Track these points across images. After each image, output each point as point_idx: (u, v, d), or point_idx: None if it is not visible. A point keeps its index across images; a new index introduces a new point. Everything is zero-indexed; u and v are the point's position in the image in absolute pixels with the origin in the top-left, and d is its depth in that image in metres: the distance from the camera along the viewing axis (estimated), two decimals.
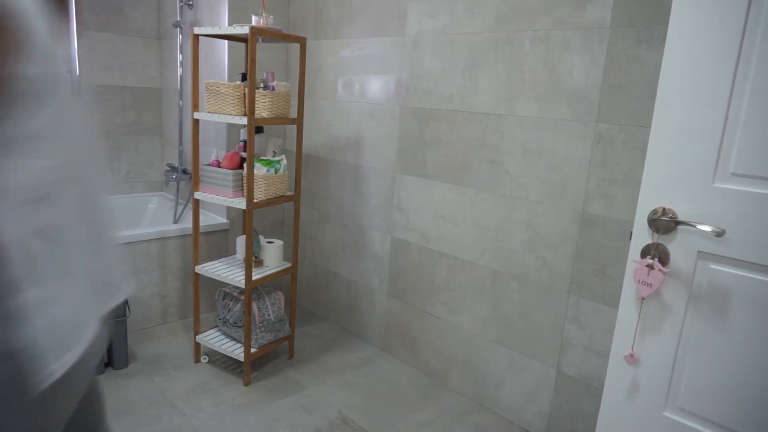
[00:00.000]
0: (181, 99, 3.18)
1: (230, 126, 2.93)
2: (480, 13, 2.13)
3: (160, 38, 3.41)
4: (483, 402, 2.32)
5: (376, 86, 2.59)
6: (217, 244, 3.01)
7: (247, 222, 2.22)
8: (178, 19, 3.08)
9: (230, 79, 2.88)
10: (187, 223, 2.98)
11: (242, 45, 2.82)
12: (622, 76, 1.75)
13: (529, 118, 2.02)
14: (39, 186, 0.69)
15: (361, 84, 2.67)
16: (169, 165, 3.31)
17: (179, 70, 3.14)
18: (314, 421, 2.13)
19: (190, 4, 3.06)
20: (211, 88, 2.24)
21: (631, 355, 1.35)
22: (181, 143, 3.23)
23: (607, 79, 1.79)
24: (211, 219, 3.06)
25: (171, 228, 2.83)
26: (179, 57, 3.13)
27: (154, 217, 3.42)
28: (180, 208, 3.25)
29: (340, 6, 2.73)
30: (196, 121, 2.33)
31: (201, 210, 3.24)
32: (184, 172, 3.27)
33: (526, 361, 2.14)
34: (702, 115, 1.19)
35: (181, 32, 3.10)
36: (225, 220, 3.04)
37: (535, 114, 2.00)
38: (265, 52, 3.02)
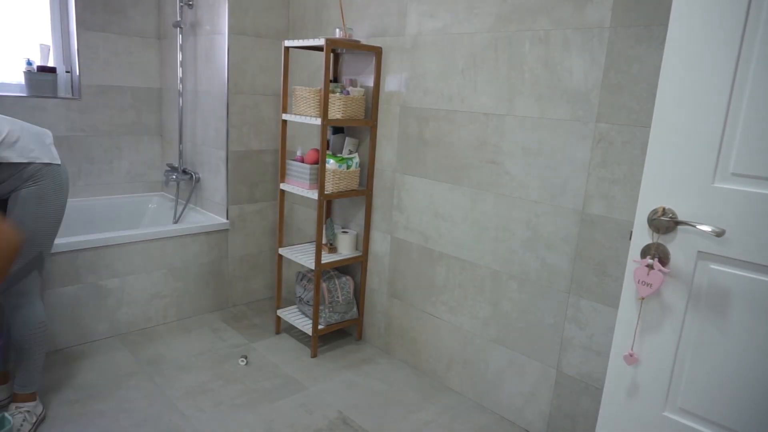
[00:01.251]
0: (181, 99, 3.18)
1: (311, 126, 3.03)
2: (480, 13, 2.13)
3: (160, 38, 3.41)
4: (483, 402, 2.32)
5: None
6: (217, 243, 3.01)
7: (318, 211, 2.49)
8: (178, 19, 3.08)
9: (230, 79, 2.89)
10: (187, 223, 2.99)
11: (244, 47, 2.84)
12: (622, 76, 1.75)
13: (529, 118, 2.02)
14: None
15: (361, 84, 2.67)
16: (169, 165, 3.31)
17: (179, 70, 3.14)
18: (314, 421, 2.14)
19: (190, 4, 3.06)
20: (296, 93, 2.58)
21: (631, 355, 1.35)
22: (181, 143, 3.23)
23: (607, 79, 1.79)
24: (211, 219, 3.06)
25: (171, 228, 2.83)
26: (179, 57, 3.13)
27: (154, 217, 3.42)
28: (180, 208, 3.26)
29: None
30: (284, 122, 2.64)
31: (201, 210, 3.24)
32: (184, 172, 3.27)
33: (526, 361, 2.14)
34: (702, 115, 1.19)
35: (181, 32, 3.10)
36: (225, 220, 3.04)
37: (535, 114, 2.00)
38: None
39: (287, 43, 2.53)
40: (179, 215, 3.21)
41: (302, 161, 2.65)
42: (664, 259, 1.27)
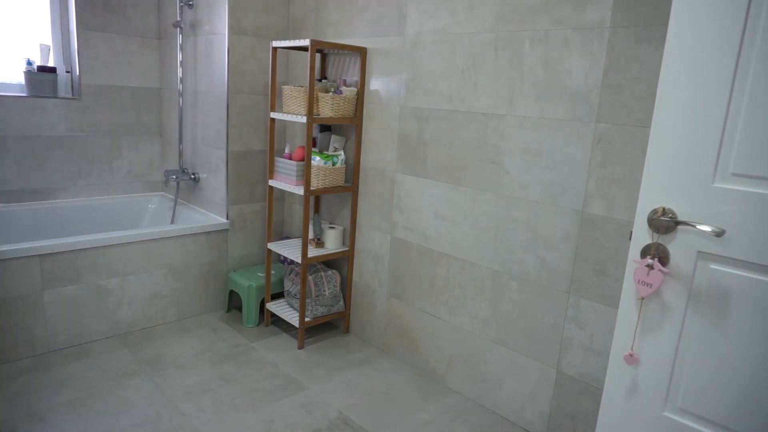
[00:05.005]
0: (181, 99, 3.18)
1: (304, 124, 3.03)
2: (480, 13, 2.13)
3: (160, 38, 3.41)
4: (483, 402, 2.32)
5: (376, 86, 2.59)
6: (217, 243, 3.01)
7: (304, 207, 2.56)
8: (178, 19, 3.08)
9: (230, 79, 2.89)
10: (186, 224, 2.99)
11: (244, 47, 2.85)
12: (622, 76, 1.75)
13: (529, 118, 2.02)
14: None
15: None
16: (167, 172, 3.32)
17: (179, 70, 3.14)
18: (314, 421, 2.14)
19: (190, 4, 3.06)
20: (285, 92, 2.65)
21: (631, 355, 1.35)
22: (181, 143, 3.23)
23: (607, 79, 1.79)
24: (211, 219, 3.06)
25: (171, 228, 2.83)
26: (179, 57, 3.13)
27: (154, 217, 3.43)
28: (178, 209, 3.26)
29: (340, 6, 2.73)
30: (272, 120, 2.72)
31: (201, 210, 3.24)
32: (183, 171, 3.27)
33: (526, 361, 2.14)
34: (702, 115, 1.19)
35: (181, 32, 3.10)
36: (225, 221, 3.04)
37: (535, 114, 2.00)
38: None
39: (275, 43, 2.62)
40: (173, 216, 3.21)
41: (290, 158, 2.70)
42: (664, 259, 1.27)
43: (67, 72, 3.12)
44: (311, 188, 2.57)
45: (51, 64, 3.07)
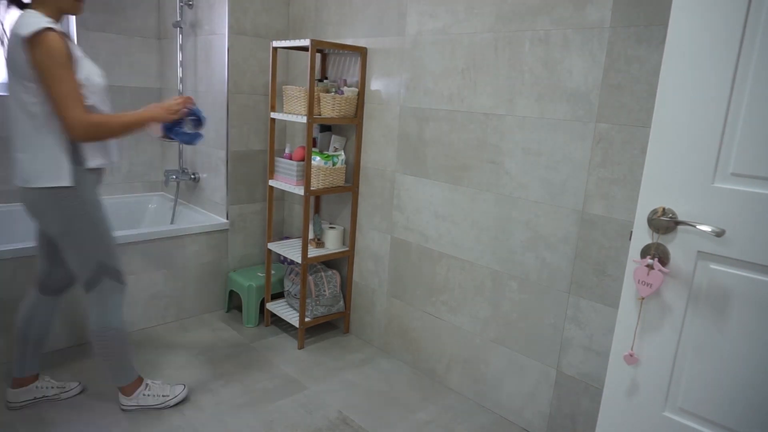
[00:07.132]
0: None
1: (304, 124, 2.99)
2: (480, 13, 2.13)
3: (160, 38, 3.41)
4: (483, 402, 2.32)
5: (377, 86, 2.59)
6: (217, 244, 3.01)
7: (305, 207, 2.58)
8: (178, 19, 3.08)
9: (230, 79, 2.89)
10: (186, 224, 2.99)
11: (244, 47, 2.85)
12: (622, 76, 1.75)
13: (529, 118, 2.02)
14: None
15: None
16: (167, 172, 3.31)
17: (179, 70, 3.14)
18: (314, 421, 2.14)
19: (190, 4, 3.06)
20: (286, 92, 2.65)
21: (631, 355, 1.35)
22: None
23: (607, 79, 1.79)
24: (211, 219, 3.06)
25: (171, 228, 2.83)
26: (179, 57, 3.13)
27: (154, 217, 3.43)
28: (178, 209, 3.25)
29: (340, 6, 2.73)
30: (272, 120, 2.73)
31: (201, 210, 3.24)
32: (184, 171, 3.27)
33: (526, 361, 2.14)
34: (702, 115, 1.19)
35: (181, 32, 3.10)
36: (225, 221, 3.04)
37: (535, 114, 2.00)
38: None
39: (275, 43, 2.63)
40: (173, 216, 3.21)
41: (290, 158, 2.70)
42: (664, 259, 1.27)
43: None
44: (311, 188, 2.57)
45: None
